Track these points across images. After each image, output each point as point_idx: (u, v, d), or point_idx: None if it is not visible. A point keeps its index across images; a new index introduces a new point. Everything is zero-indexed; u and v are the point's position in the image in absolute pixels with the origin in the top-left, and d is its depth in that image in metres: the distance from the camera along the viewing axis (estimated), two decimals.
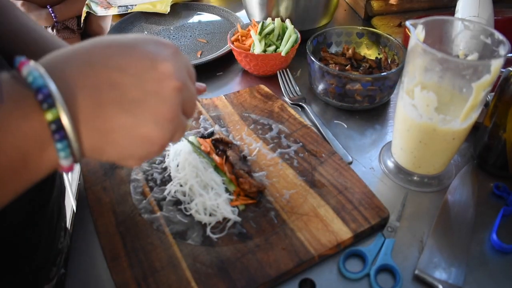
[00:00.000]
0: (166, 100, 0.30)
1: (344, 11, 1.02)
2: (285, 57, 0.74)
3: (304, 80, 0.77)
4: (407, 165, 0.55)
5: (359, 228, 0.47)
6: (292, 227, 0.48)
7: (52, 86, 0.26)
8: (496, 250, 0.47)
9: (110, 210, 0.50)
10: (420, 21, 0.48)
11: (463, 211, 0.51)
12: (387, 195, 0.54)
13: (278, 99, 0.68)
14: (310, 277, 0.44)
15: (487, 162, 0.57)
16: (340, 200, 0.51)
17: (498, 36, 0.46)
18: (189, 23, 0.96)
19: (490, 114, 0.54)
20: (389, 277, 0.45)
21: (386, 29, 0.89)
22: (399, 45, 0.70)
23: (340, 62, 0.73)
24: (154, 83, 0.30)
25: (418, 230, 0.50)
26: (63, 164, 0.28)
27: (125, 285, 0.42)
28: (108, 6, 1.04)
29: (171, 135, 0.32)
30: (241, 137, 0.61)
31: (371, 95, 0.66)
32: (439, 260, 0.45)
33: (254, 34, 0.77)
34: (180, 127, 0.33)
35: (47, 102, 0.26)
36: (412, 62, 0.48)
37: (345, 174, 0.54)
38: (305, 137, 0.61)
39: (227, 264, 0.44)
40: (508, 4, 0.89)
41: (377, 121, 0.67)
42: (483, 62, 0.44)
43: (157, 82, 0.30)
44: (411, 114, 0.49)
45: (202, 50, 0.85)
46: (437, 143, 0.50)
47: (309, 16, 0.84)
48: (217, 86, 0.76)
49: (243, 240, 0.46)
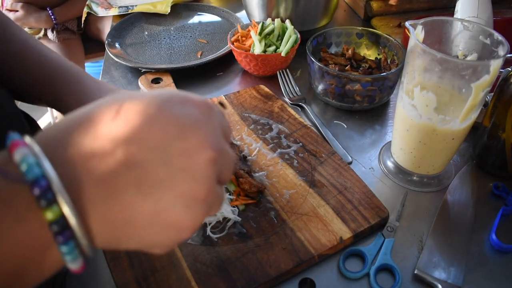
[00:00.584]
0: (197, 177, 0.24)
1: (343, 12, 1.03)
2: (285, 57, 0.74)
3: (304, 80, 0.77)
4: (406, 165, 0.55)
5: (359, 228, 0.48)
6: (292, 226, 0.48)
7: (52, 174, 0.21)
8: (495, 249, 0.47)
9: None
10: (420, 22, 0.48)
11: (462, 211, 0.51)
12: (387, 195, 0.54)
13: (278, 99, 0.69)
14: (310, 276, 0.45)
15: (486, 162, 0.57)
16: (340, 200, 0.51)
17: (497, 37, 0.46)
18: (190, 23, 0.96)
19: (489, 114, 0.54)
20: (389, 277, 0.45)
21: (386, 29, 0.89)
22: (398, 46, 0.70)
23: (340, 63, 0.73)
24: (182, 158, 0.24)
25: (417, 230, 0.50)
26: (71, 267, 0.23)
27: (125, 285, 0.42)
28: (108, 7, 1.04)
29: (204, 216, 0.25)
30: (241, 137, 0.61)
31: (371, 95, 0.66)
32: (438, 259, 0.46)
33: (254, 34, 0.77)
34: (216, 201, 0.26)
35: (45, 197, 0.20)
36: (412, 62, 0.48)
37: (345, 174, 0.54)
38: (305, 137, 0.61)
39: (227, 264, 0.44)
40: (507, 4, 0.90)
41: (377, 121, 0.67)
42: (482, 63, 0.44)
43: (186, 156, 0.24)
44: (410, 114, 0.50)
45: (202, 50, 0.85)
46: (437, 143, 0.50)
47: (309, 17, 0.84)
48: (217, 86, 0.77)
49: (243, 240, 0.46)
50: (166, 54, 0.84)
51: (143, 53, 0.84)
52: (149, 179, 0.23)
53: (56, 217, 0.21)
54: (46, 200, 0.20)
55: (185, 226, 0.24)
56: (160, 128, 0.24)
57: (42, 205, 0.21)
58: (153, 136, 0.23)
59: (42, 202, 0.20)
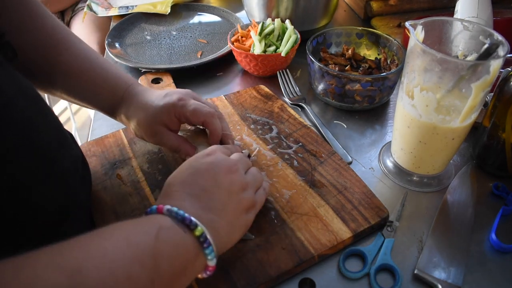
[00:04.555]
0: (244, 197, 0.43)
1: (343, 12, 1.03)
2: (285, 57, 0.74)
3: (304, 80, 0.77)
4: (406, 165, 0.55)
5: (359, 228, 0.48)
6: (292, 227, 0.48)
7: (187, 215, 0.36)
8: (495, 249, 0.47)
9: (110, 210, 0.50)
10: (420, 22, 0.48)
11: (462, 211, 0.51)
12: (387, 195, 0.54)
13: (278, 100, 0.69)
14: (310, 276, 0.45)
15: (486, 162, 0.57)
16: (340, 200, 0.51)
17: (497, 37, 0.46)
18: (190, 23, 0.96)
19: (489, 114, 0.54)
20: (389, 277, 0.45)
21: (386, 29, 0.89)
22: (398, 46, 0.70)
23: (340, 63, 0.73)
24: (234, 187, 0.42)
25: (417, 230, 0.50)
26: (210, 264, 0.37)
27: None
28: (108, 7, 1.04)
29: (255, 214, 0.45)
30: (241, 138, 0.61)
31: (371, 96, 0.66)
32: (438, 259, 0.46)
33: (254, 34, 0.77)
34: (257, 207, 0.46)
35: (192, 224, 0.36)
36: (412, 62, 0.48)
37: (345, 174, 0.54)
38: (305, 137, 0.61)
39: (227, 264, 0.44)
40: (507, 4, 0.90)
41: (377, 121, 0.67)
42: (482, 63, 0.44)
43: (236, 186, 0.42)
44: (411, 114, 0.50)
45: (202, 50, 0.85)
46: (437, 143, 0.50)
47: (308, 17, 0.84)
48: (217, 86, 0.77)
49: (243, 240, 0.46)
50: (166, 54, 0.84)
51: (143, 53, 0.84)
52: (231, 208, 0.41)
53: (200, 233, 0.36)
54: (193, 225, 0.36)
55: (249, 224, 0.43)
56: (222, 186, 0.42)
57: (191, 227, 0.36)
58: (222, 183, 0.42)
59: (191, 226, 0.36)
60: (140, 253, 0.31)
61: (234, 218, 0.41)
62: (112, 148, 0.59)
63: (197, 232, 0.36)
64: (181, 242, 0.35)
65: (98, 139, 0.61)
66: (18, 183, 0.36)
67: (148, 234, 0.33)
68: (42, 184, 0.39)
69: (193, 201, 0.39)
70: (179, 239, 0.35)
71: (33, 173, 0.38)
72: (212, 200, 0.39)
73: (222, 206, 0.40)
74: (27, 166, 0.37)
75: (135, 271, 0.30)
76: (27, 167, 0.37)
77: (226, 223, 0.39)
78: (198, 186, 0.40)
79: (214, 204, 0.39)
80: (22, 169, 0.37)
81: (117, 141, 0.61)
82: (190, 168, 0.42)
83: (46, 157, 0.40)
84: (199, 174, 0.41)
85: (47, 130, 0.41)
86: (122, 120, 0.55)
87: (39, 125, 0.40)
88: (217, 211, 0.39)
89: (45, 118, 0.42)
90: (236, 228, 0.41)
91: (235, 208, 0.41)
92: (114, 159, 0.57)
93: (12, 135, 0.36)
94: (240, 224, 0.42)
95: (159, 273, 0.32)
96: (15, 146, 0.36)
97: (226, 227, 0.39)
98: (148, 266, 0.31)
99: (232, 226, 0.40)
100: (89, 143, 0.60)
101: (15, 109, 0.37)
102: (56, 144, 0.42)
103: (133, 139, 0.61)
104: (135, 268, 0.30)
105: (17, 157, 0.36)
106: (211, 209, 0.39)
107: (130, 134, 0.61)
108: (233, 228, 0.40)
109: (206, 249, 0.36)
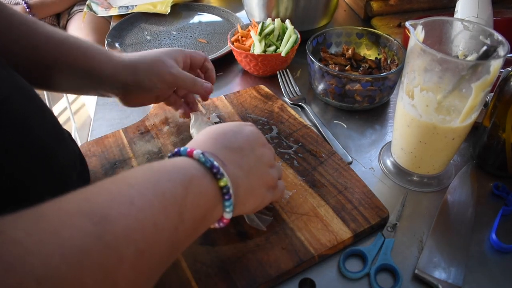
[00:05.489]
0: (268, 172, 0.43)
1: (343, 12, 1.03)
2: (285, 57, 0.74)
3: (304, 80, 0.77)
4: (406, 165, 0.55)
5: (359, 228, 0.47)
6: (292, 226, 0.48)
7: (216, 164, 0.36)
8: (496, 249, 0.47)
9: None
10: (420, 22, 0.48)
11: (462, 211, 0.51)
12: (387, 195, 0.54)
13: (278, 99, 0.69)
14: (310, 276, 0.45)
15: (486, 162, 0.57)
16: (340, 200, 0.51)
17: (497, 37, 0.46)
18: (190, 23, 0.96)
19: (489, 114, 0.54)
20: (389, 277, 0.45)
21: (386, 29, 0.89)
22: (398, 46, 0.70)
23: (340, 63, 0.73)
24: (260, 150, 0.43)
25: (417, 230, 0.50)
26: (226, 216, 0.38)
27: None
28: (108, 7, 1.04)
29: (273, 197, 0.44)
30: None
31: (371, 95, 0.66)
32: (438, 259, 0.46)
33: (254, 34, 0.77)
34: (278, 191, 0.46)
35: (219, 173, 0.36)
36: (412, 62, 0.48)
37: (345, 174, 0.54)
38: (305, 137, 0.61)
39: (227, 264, 0.44)
40: (507, 4, 0.90)
41: (377, 121, 0.67)
42: (482, 63, 0.44)
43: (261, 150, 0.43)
44: (410, 114, 0.49)
45: (202, 50, 0.85)
46: (437, 143, 0.50)
47: (309, 17, 0.84)
48: (217, 86, 0.77)
49: (243, 240, 0.46)
50: None
51: None
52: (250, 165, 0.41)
53: (225, 184, 0.36)
54: (220, 175, 0.36)
55: (265, 202, 0.43)
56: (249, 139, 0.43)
57: (218, 177, 0.36)
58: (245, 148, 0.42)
59: (218, 176, 0.36)
60: (167, 202, 0.31)
61: (255, 184, 0.41)
62: (112, 148, 0.59)
63: (222, 182, 0.36)
64: (205, 191, 0.35)
65: (98, 139, 0.61)
66: (16, 180, 0.36)
67: (179, 185, 0.33)
68: (40, 181, 0.39)
69: (226, 153, 0.39)
70: (204, 189, 0.35)
71: (30, 170, 0.38)
72: (243, 159, 0.40)
73: (249, 169, 0.40)
74: (24, 163, 0.37)
75: (160, 219, 0.30)
76: (24, 164, 0.37)
77: (248, 185, 0.39)
78: (236, 143, 0.41)
79: (244, 163, 0.40)
80: (19, 167, 0.37)
81: (117, 141, 0.61)
82: (234, 127, 0.43)
83: (44, 154, 0.40)
84: (241, 135, 0.42)
85: (44, 127, 0.41)
86: (127, 79, 0.53)
87: (36, 122, 0.40)
88: (244, 171, 0.39)
89: (41, 115, 0.42)
90: (254, 195, 0.41)
91: (259, 177, 0.41)
92: (114, 159, 0.57)
93: (9, 132, 0.36)
94: (258, 194, 0.41)
95: (183, 221, 0.32)
96: (12, 143, 0.36)
97: (247, 188, 0.39)
98: (173, 215, 0.32)
99: (251, 191, 0.40)
100: (89, 143, 0.60)
101: (11, 107, 0.37)
102: (53, 140, 0.42)
103: (133, 139, 0.61)
104: (161, 217, 0.30)
105: (14, 154, 0.36)
106: (239, 166, 0.39)
107: (130, 134, 0.61)
108: (252, 193, 0.40)
109: (226, 201, 0.36)
